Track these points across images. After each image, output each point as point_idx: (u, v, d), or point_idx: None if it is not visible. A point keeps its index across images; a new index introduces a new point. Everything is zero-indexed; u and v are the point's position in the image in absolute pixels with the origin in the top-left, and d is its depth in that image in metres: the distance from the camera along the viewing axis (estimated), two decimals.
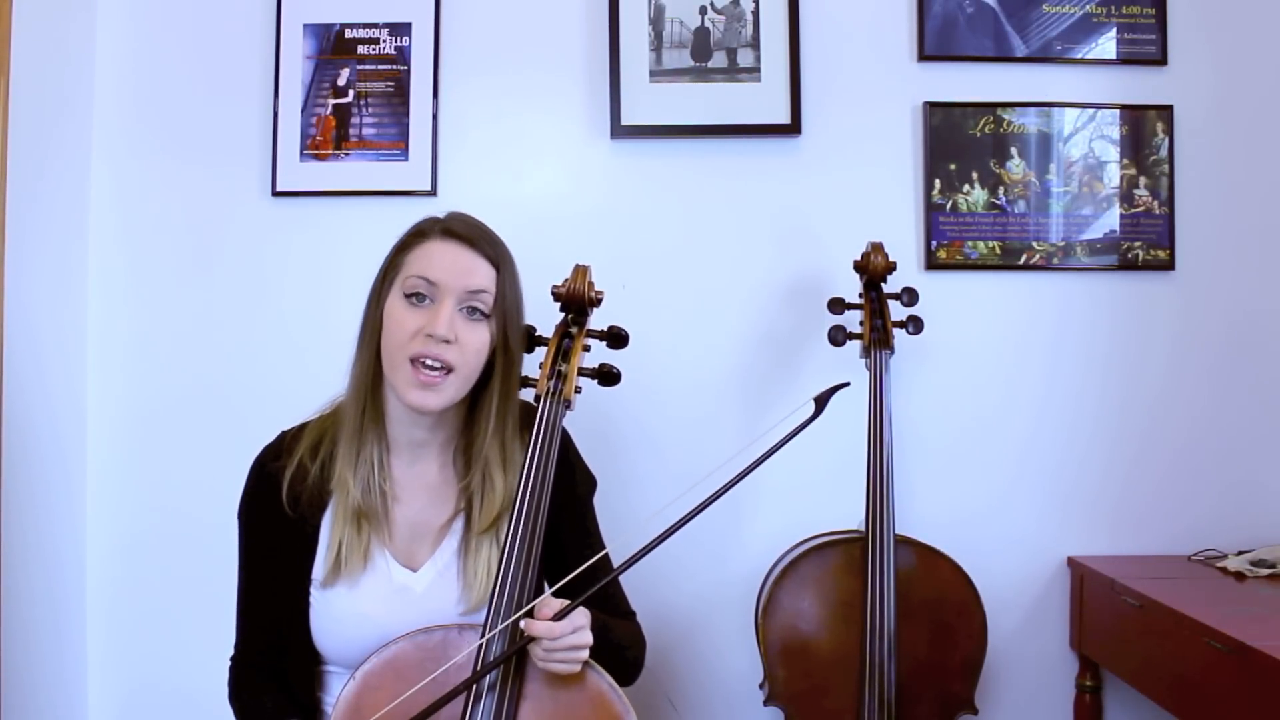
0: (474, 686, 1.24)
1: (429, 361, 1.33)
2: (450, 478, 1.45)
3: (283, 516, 1.39)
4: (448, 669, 1.25)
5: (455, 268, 1.36)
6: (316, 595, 1.38)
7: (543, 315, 1.46)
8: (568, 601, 1.24)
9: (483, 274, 1.37)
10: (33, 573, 1.88)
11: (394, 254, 1.41)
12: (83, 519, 2.07)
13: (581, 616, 1.26)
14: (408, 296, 1.36)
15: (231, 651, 1.47)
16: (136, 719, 2.09)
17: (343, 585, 1.37)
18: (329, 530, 1.39)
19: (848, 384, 1.34)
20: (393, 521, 1.42)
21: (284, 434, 1.47)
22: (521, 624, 1.23)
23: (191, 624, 2.05)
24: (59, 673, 1.99)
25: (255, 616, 1.44)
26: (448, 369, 1.34)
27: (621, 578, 1.47)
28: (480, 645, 1.26)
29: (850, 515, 1.94)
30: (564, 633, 1.23)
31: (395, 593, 1.39)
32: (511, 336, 1.39)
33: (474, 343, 1.36)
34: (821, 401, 1.29)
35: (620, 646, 1.41)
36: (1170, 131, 2.12)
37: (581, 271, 1.43)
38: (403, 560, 1.41)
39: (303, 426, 1.46)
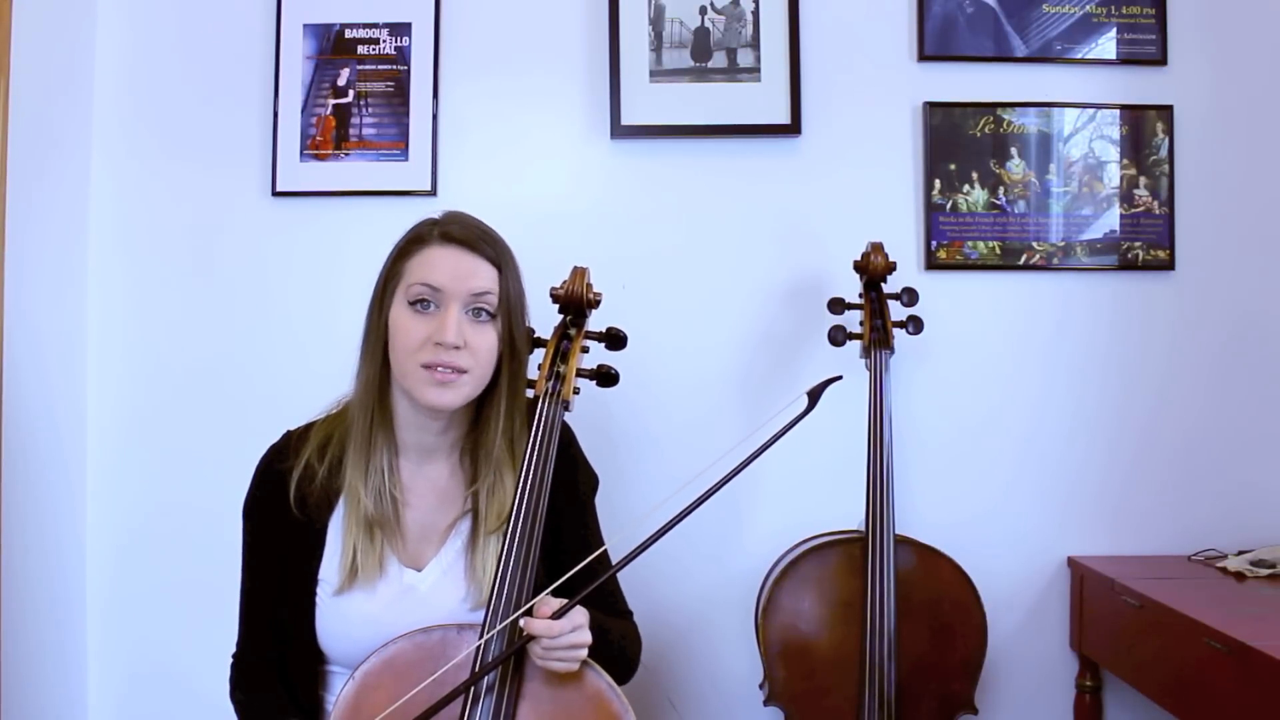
0: (473, 687, 1.24)
1: (442, 368, 1.33)
2: (459, 480, 1.45)
3: (289, 517, 1.39)
4: (448, 669, 1.25)
5: (457, 272, 1.35)
6: (329, 601, 1.38)
7: (542, 316, 1.46)
8: (566, 600, 1.24)
9: (485, 276, 1.37)
10: (33, 572, 1.88)
11: (393, 262, 1.40)
12: (83, 518, 2.07)
13: (580, 615, 1.26)
14: (412, 304, 1.35)
15: (233, 649, 1.47)
16: (137, 715, 2.09)
17: (359, 591, 1.37)
18: (339, 535, 1.39)
19: (839, 377, 1.33)
20: (403, 525, 1.42)
21: (289, 434, 1.47)
22: (521, 622, 1.23)
23: (191, 622, 2.05)
24: (59, 669, 1.99)
25: (258, 616, 1.44)
26: (462, 371, 1.34)
27: (620, 577, 1.48)
28: (479, 646, 1.26)
29: (850, 515, 1.94)
30: (563, 631, 1.23)
31: (401, 593, 1.39)
32: (517, 335, 1.39)
33: (484, 345, 1.36)
34: (814, 395, 1.28)
35: (617, 645, 1.41)
36: (1170, 131, 2.12)
37: (580, 273, 1.43)
38: (408, 561, 1.41)
39: (309, 426, 1.46)
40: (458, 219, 1.42)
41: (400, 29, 2.10)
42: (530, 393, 1.41)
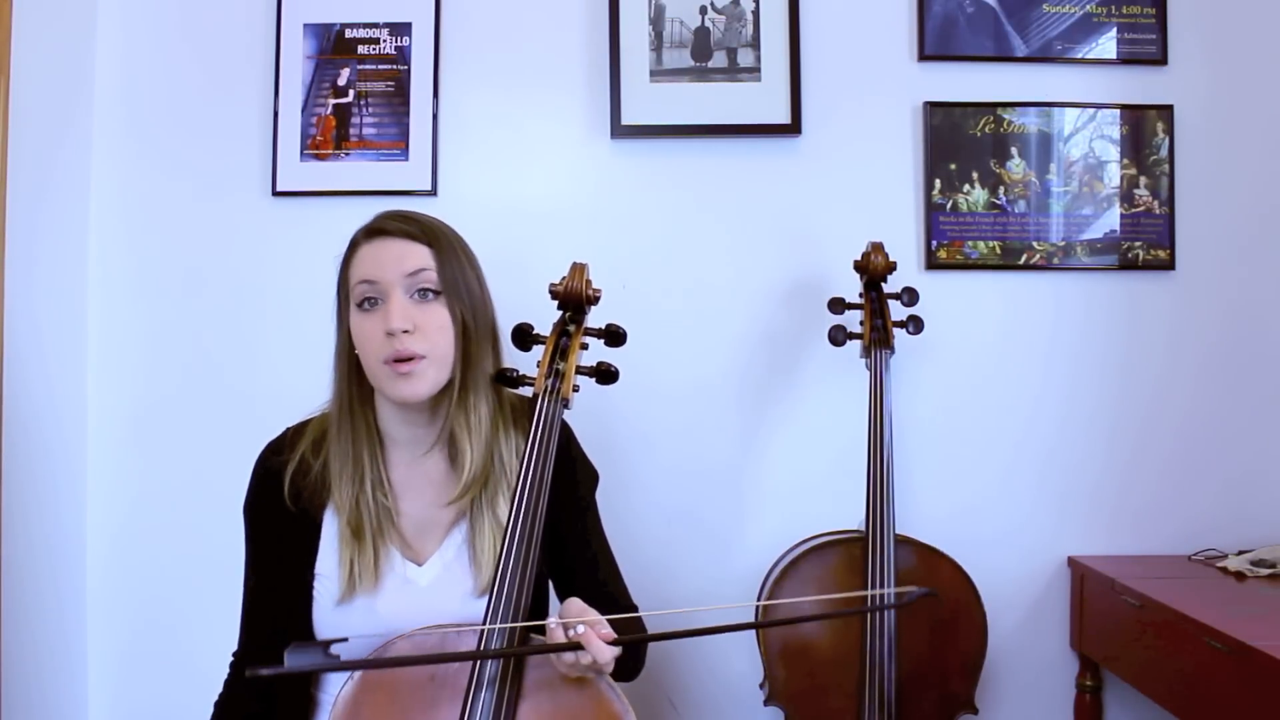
0: (471, 688, 1.24)
1: (400, 360, 1.33)
2: (452, 471, 1.45)
3: (284, 511, 1.40)
4: (449, 671, 1.24)
5: (388, 259, 1.37)
6: (331, 609, 1.37)
7: (541, 314, 1.46)
8: (605, 620, 1.23)
9: (417, 255, 1.37)
10: (33, 569, 1.89)
11: (339, 275, 1.43)
12: (83, 516, 2.07)
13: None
14: (359, 306, 1.37)
15: (234, 649, 1.47)
16: (137, 708, 2.09)
17: (362, 598, 1.37)
18: (335, 529, 1.39)
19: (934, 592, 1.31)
20: (397, 524, 1.42)
21: (287, 430, 1.48)
22: (578, 632, 1.20)
23: (190, 619, 2.06)
24: (59, 663, 1.99)
25: (257, 611, 1.44)
26: (419, 357, 1.34)
27: (623, 577, 1.50)
28: (480, 650, 1.25)
29: (850, 515, 1.94)
30: (613, 658, 1.22)
31: (402, 588, 1.39)
32: (465, 312, 1.38)
33: (433, 322, 1.36)
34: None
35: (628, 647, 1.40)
36: (1170, 131, 2.12)
37: (579, 269, 1.42)
38: (410, 555, 1.41)
39: (306, 422, 1.47)
40: (388, 214, 1.43)
41: (400, 29, 2.11)
42: (529, 390, 1.41)
